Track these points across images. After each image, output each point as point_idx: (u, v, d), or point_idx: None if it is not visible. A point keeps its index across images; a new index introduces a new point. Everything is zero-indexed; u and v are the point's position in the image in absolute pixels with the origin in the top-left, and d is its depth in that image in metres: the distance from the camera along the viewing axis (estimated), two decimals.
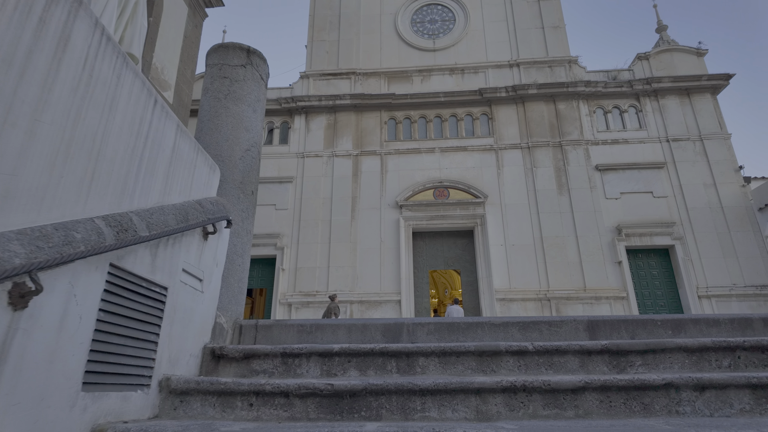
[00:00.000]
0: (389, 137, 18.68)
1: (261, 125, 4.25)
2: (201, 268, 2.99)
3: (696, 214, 16.47)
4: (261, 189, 17.75)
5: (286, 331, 3.43)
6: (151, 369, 2.39)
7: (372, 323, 3.45)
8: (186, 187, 2.97)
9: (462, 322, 3.44)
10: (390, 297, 15.90)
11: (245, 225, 3.77)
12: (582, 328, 3.42)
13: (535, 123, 18.36)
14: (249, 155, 3.96)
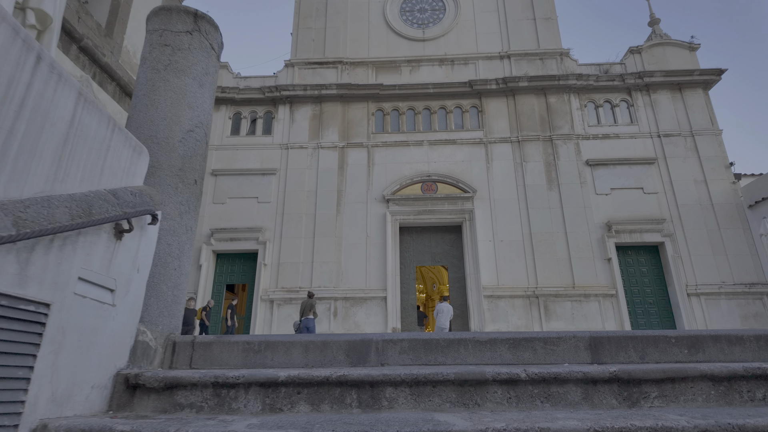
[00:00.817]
0: (377, 129, 18.00)
1: (210, 103, 3.59)
2: (112, 276, 2.35)
3: (686, 211, 16.11)
4: (243, 181, 17.01)
5: (229, 350, 2.81)
6: (17, 415, 1.76)
7: (334, 340, 2.84)
8: (93, 174, 2.32)
9: (442, 339, 2.84)
10: (376, 293, 15.33)
11: (185, 220, 3.13)
12: (583, 347, 2.85)
13: (526, 116, 17.83)
14: (192, 137, 3.30)
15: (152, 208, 2.64)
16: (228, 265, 16.35)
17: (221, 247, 16.09)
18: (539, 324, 14.78)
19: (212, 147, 17.61)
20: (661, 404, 2.32)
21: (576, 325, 14.71)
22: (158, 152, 3.11)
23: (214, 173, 17.13)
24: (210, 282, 15.92)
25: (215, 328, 15.51)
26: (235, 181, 17.03)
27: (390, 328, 14.77)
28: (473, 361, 2.80)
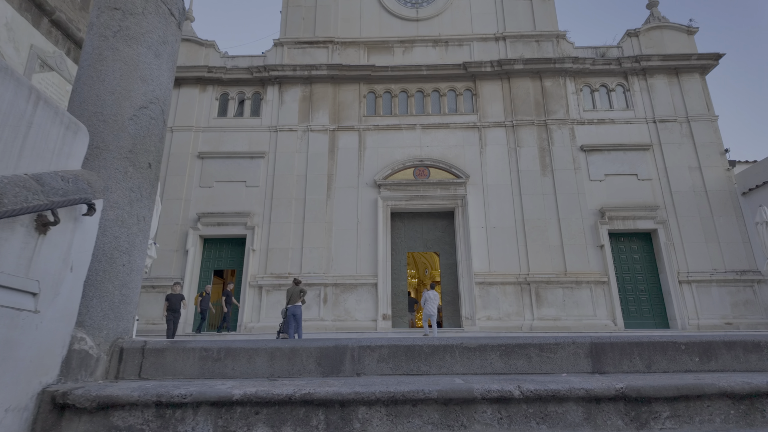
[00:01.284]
0: (368, 112, 17.47)
1: (169, 76, 3.17)
2: (33, 277, 1.97)
3: (680, 198, 15.89)
4: (230, 165, 16.49)
5: (184, 358, 2.46)
6: None
7: (303, 346, 2.50)
8: (6, 155, 1.92)
9: (426, 345, 2.51)
10: (366, 280, 15.04)
11: (136, 209, 2.73)
12: (583, 354, 2.54)
13: (521, 100, 17.38)
14: (145, 115, 2.89)
15: (89, 196, 2.25)
16: (216, 250, 15.94)
17: (208, 232, 15.67)
18: (530, 311, 14.62)
19: (199, 129, 17.04)
20: (674, 425, 2.01)
21: (567, 312, 14.57)
22: (104, 131, 2.70)
23: (201, 156, 16.59)
24: (197, 267, 15.53)
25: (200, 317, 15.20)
26: (223, 165, 16.51)
27: (380, 315, 14.54)
28: (460, 370, 2.47)
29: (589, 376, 2.40)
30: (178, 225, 15.66)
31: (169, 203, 15.89)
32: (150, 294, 14.76)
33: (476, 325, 14.32)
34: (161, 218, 15.63)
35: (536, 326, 14.32)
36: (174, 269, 15.14)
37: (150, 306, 14.60)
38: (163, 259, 15.21)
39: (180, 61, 17.80)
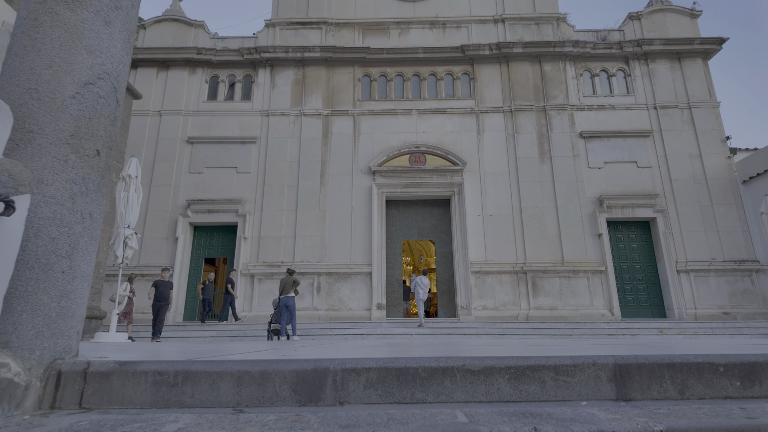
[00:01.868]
0: (363, 96, 16.89)
1: (123, 48, 2.69)
2: None
3: (679, 186, 15.55)
4: (221, 150, 15.94)
5: (134, 383, 2.06)
6: None
7: (277, 369, 2.10)
8: None
9: (422, 367, 2.12)
10: (361, 268, 14.68)
11: (80, 205, 2.29)
12: (605, 377, 2.15)
13: (519, 85, 16.85)
14: (92, 93, 2.43)
15: (8, 191, 1.81)
16: (206, 238, 15.49)
17: (198, 219, 15.19)
18: (526, 300, 14.35)
19: (188, 113, 16.42)
20: None
21: (564, 301, 14.31)
22: (39, 112, 2.24)
23: (190, 141, 16.01)
24: (187, 256, 15.10)
25: (191, 306, 14.82)
26: (213, 150, 15.95)
27: (375, 304, 14.23)
28: (462, 397, 2.08)
29: (613, 405, 2.02)
30: (167, 212, 15.16)
31: (157, 189, 15.37)
32: (139, 283, 14.32)
33: (472, 315, 14.04)
34: (149, 205, 15.14)
35: (532, 316, 14.06)
36: (164, 257, 14.69)
37: (139, 295, 14.17)
38: (152, 246, 14.76)
39: (168, 42, 17.09)
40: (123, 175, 7.23)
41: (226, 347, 4.95)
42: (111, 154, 2.57)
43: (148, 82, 16.56)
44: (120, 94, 2.66)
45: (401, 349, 3.61)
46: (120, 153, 11.26)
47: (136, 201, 7.31)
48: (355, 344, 5.99)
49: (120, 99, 2.66)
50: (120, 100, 2.66)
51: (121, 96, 2.67)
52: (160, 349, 4.44)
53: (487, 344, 5.72)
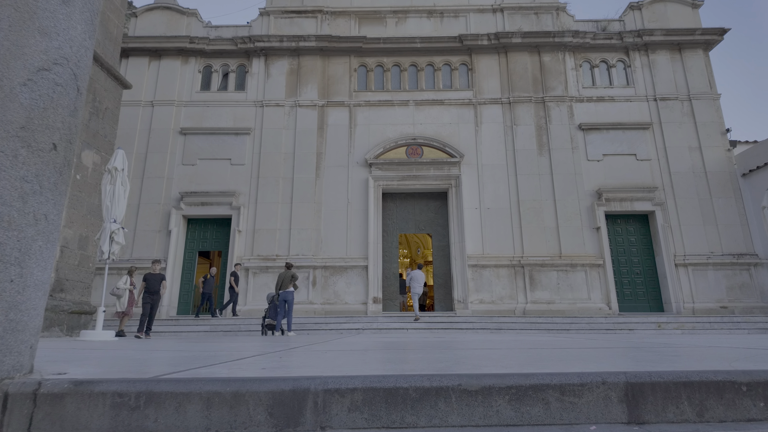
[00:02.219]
0: (359, 87, 16.55)
1: (85, 30, 2.42)
2: None
3: (679, 179, 15.35)
4: (214, 141, 15.61)
5: (90, 407, 1.83)
6: None
7: (251, 390, 1.87)
8: None
9: (413, 387, 1.90)
10: (357, 262, 14.47)
11: (32, 205, 2.04)
12: (616, 398, 1.94)
13: (518, 76, 16.54)
14: (47, 80, 2.16)
15: None
16: (200, 231, 15.23)
17: (192, 212, 14.92)
18: (523, 294, 14.20)
19: (181, 103, 16.06)
20: None
21: (561, 295, 14.17)
22: None
23: (183, 132, 15.68)
24: (181, 249, 14.85)
25: (185, 300, 14.60)
26: (206, 141, 15.63)
27: (371, 298, 14.05)
28: (457, 421, 1.87)
29: (625, 430, 1.81)
30: (160, 204, 14.88)
31: (150, 181, 15.07)
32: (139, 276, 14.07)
33: (469, 309, 13.88)
34: (141, 197, 14.86)
35: (529, 310, 13.92)
36: (156, 250, 14.44)
37: None
38: (144, 239, 14.50)
39: (160, 30, 16.66)
40: (109, 167, 6.96)
41: (216, 348, 4.73)
42: (71, 148, 2.31)
43: (139, 72, 16.16)
44: (82, 82, 2.40)
45: (395, 354, 3.39)
46: (110, 145, 10.95)
47: (123, 194, 7.04)
48: (348, 342, 5.79)
49: (82, 87, 2.40)
50: (82, 89, 2.40)
51: (83, 84, 2.41)
52: (141, 351, 4.23)
53: (484, 342, 5.53)
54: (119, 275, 13.76)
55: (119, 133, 15.39)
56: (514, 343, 5.01)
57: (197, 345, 5.11)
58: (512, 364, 2.51)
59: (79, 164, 9.88)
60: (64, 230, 9.36)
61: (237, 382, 1.91)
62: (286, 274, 10.51)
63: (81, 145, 9.95)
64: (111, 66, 10.92)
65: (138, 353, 3.62)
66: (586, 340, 5.77)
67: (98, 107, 10.58)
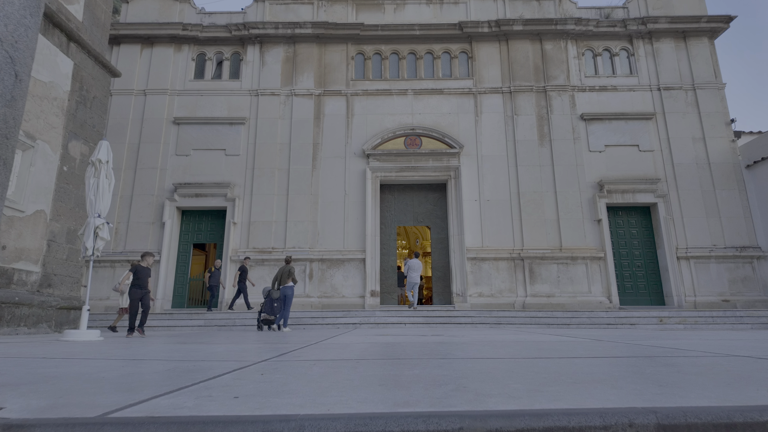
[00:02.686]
0: (356, 75, 16.10)
1: (25, 5, 2.06)
2: None
3: (682, 171, 15.01)
4: (208, 131, 15.20)
5: None
6: None
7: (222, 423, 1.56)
8: None
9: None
10: (354, 255, 14.18)
11: None
12: None
13: (519, 64, 16.09)
14: None
15: None
16: (194, 223, 14.90)
17: (186, 204, 14.57)
18: (523, 287, 13.94)
19: (174, 92, 15.61)
20: None
21: (561, 288, 13.91)
22: None
23: (177, 121, 15.25)
24: (175, 241, 14.53)
25: (179, 293, 14.32)
26: (200, 131, 15.22)
27: (368, 291, 13.78)
28: None
29: None
30: (154, 196, 14.52)
31: (143, 172, 14.69)
32: (126, 269, 13.79)
33: (467, 302, 13.64)
34: (134, 189, 14.50)
35: (529, 303, 13.67)
36: (150, 243, 14.12)
37: None
38: (138, 232, 14.17)
39: (152, 17, 16.14)
40: (92, 159, 6.59)
41: (200, 354, 4.43)
42: (8, 144, 1.97)
43: (131, 60, 15.68)
44: (21, 67, 2.04)
45: (389, 369, 3.10)
46: (98, 135, 10.56)
47: (108, 188, 6.69)
48: (342, 345, 5.51)
49: (21, 73, 2.04)
50: (21, 74, 2.04)
51: (23, 69, 2.05)
52: (115, 361, 3.93)
53: (484, 344, 5.25)
54: (112, 268, 13.48)
55: (111, 123, 14.99)
56: (516, 347, 4.72)
57: (181, 349, 4.82)
58: (519, 389, 2.21)
59: (66, 155, 9.50)
60: (51, 224, 9.02)
61: (196, 427, 1.59)
62: (285, 268, 10.19)
63: (68, 136, 9.57)
64: (98, 53, 10.48)
65: (111, 364, 3.33)
66: (591, 342, 5.50)
67: (85, 96, 10.16)
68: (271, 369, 2.99)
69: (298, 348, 4.78)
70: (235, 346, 5.06)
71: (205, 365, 3.20)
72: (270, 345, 5.30)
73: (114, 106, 15.27)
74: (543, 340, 5.82)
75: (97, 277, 13.64)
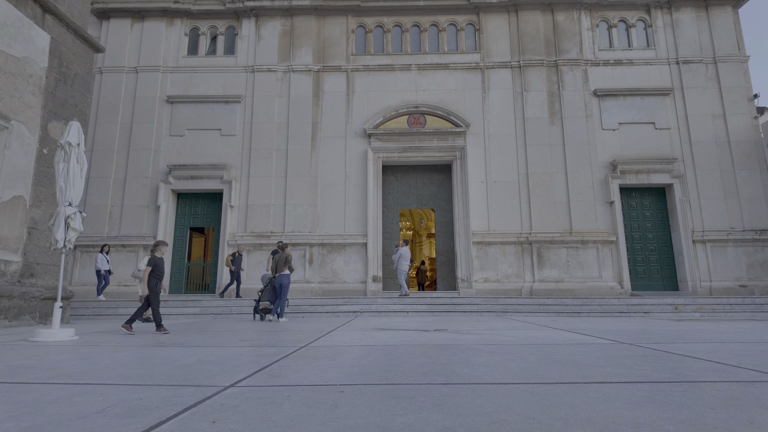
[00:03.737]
0: (357, 50, 15.14)
1: None
2: None
3: (700, 149, 14.10)
4: (203, 110, 14.43)
5: None
6: None
7: None
8: None
9: None
10: (355, 239, 13.56)
11: None
12: None
13: (529, 37, 15.04)
14: None
15: None
16: (191, 206, 14.29)
17: (182, 186, 13.93)
18: (531, 272, 13.30)
19: (167, 69, 14.78)
20: None
21: (570, 273, 13.26)
22: None
23: (170, 100, 14.48)
24: (171, 225, 13.96)
25: (176, 278, 13.82)
26: (195, 110, 14.44)
27: (370, 277, 13.21)
28: None
29: None
30: (148, 178, 13.89)
31: (136, 154, 14.02)
32: (120, 254, 13.30)
33: (473, 288, 13.04)
34: (128, 171, 13.87)
35: (537, 289, 13.05)
36: (145, 227, 13.57)
37: (121, 266, 13.19)
38: (132, 215, 13.61)
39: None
40: (62, 142, 5.91)
41: (180, 360, 3.86)
42: None
43: (121, 35, 14.81)
44: None
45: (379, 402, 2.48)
46: (82, 114, 9.85)
47: (80, 173, 6.03)
48: (335, 347, 4.92)
49: None
50: None
51: None
52: (75, 375, 3.36)
53: (491, 348, 4.63)
54: (116, 251, 12.95)
55: (102, 102, 14.26)
56: (531, 358, 4.10)
57: (151, 358, 4.25)
58: None
59: (45, 137, 8.83)
60: (31, 210, 8.42)
61: None
62: (281, 256, 9.57)
63: (47, 116, 8.87)
64: (78, 27, 9.67)
65: (72, 376, 2.75)
66: (613, 347, 4.88)
67: (66, 73, 9.41)
68: (231, 408, 2.37)
69: (283, 357, 4.18)
70: (217, 352, 4.48)
71: (155, 397, 2.60)
72: (256, 349, 4.71)
73: (105, 84, 14.50)
74: (557, 341, 5.19)
75: (92, 262, 13.16)
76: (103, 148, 14.01)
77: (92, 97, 14.20)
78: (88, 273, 13.09)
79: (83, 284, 13.02)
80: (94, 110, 14.27)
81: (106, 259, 11.99)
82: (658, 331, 6.24)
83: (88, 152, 13.95)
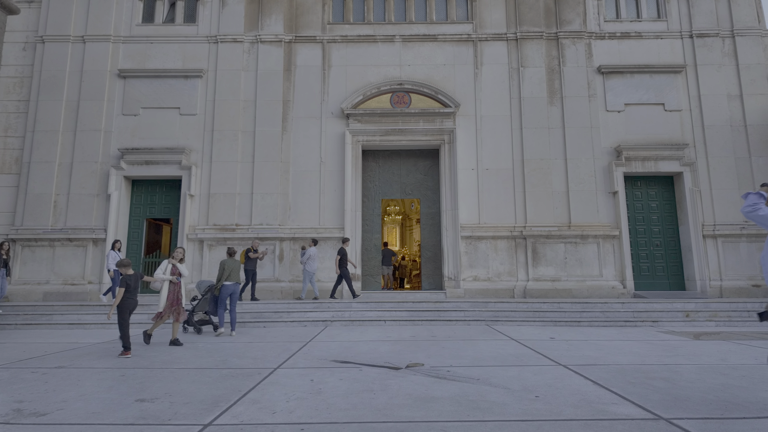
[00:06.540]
0: (334, 18, 13.23)
1: None
2: None
3: (713, 134, 12.53)
4: (160, 86, 12.56)
5: None
6: None
7: None
8: None
9: None
10: (331, 233, 11.98)
11: None
12: None
13: (527, 6, 13.20)
14: None
15: None
16: (147, 195, 12.59)
17: (136, 173, 12.20)
18: (525, 270, 11.85)
19: (118, 39, 12.83)
20: None
21: (568, 271, 11.82)
22: None
23: (122, 74, 12.59)
24: (125, 216, 12.28)
25: None
26: (150, 86, 12.58)
27: None
28: None
29: None
30: (98, 163, 12.12)
31: (84, 135, 12.21)
32: (67, 249, 11.65)
33: (461, 287, 11.58)
34: (75, 155, 12.08)
35: (531, 288, 11.62)
36: (95, 218, 11.88)
37: (67, 262, 11.57)
38: (80, 205, 11.89)
39: None
40: None
41: None
42: None
43: (66, 0, 12.77)
44: None
45: None
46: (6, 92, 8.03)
47: None
48: (272, 402, 3.40)
49: None
50: None
51: None
52: None
53: (475, 411, 3.13)
54: (51, 248, 11.28)
55: (44, 76, 12.34)
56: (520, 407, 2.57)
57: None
58: None
59: None
60: None
61: None
62: (232, 263, 7.98)
63: None
64: None
65: None
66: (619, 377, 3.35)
67: None
68: None
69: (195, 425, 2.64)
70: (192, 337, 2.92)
71: None
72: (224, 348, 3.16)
73: (47, 55, 12.55)
74: (562, 387, 3.69)
75: (34, 258, 11.53)
76: (45, 128, 12.16)
77: (32, 71, 12.29)
78: (29, 270, 11.46)
79: (25, 282, 11.40)
80: (36, 86, 12.37)
81: (118, 257, 10.24)
82: (687, 367, 4.77)
83: (29, 133, 12.12)
